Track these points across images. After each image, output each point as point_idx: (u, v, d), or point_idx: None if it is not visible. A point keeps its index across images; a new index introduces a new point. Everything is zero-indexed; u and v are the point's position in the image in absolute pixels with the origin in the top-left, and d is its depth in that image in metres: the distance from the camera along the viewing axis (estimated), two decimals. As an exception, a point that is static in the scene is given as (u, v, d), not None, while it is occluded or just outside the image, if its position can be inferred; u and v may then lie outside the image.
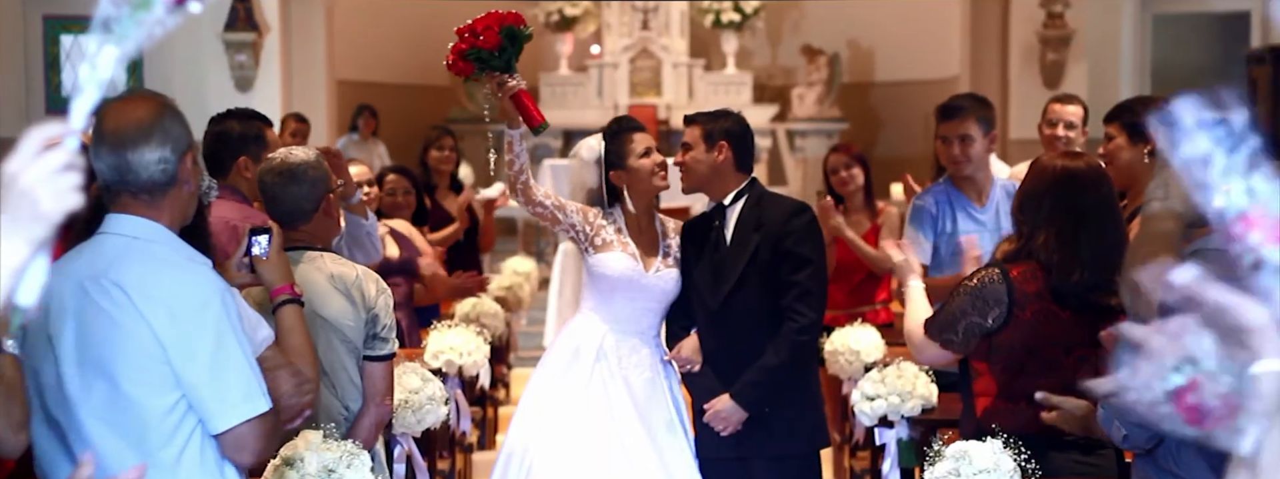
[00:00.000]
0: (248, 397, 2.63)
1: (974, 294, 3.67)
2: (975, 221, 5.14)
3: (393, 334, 3.78)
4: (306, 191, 3.76)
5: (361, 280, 3.72)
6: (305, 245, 3.79)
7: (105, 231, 2.69)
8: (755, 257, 4.36)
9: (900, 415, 4.65)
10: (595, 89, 15.24)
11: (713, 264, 4.43)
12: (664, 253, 4.54)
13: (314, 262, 3.74)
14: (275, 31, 12.31)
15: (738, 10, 15.28)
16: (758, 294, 4.37)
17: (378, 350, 3.75)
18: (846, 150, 6.89)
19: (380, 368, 3.77)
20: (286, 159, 3.82)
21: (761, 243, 4.36)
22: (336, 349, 3.70)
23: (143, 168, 2.63)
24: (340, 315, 3.69)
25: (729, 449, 4.40)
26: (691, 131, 4.50)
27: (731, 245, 4.41)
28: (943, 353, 3.79)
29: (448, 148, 8.05)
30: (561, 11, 15.32)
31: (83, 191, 1.61)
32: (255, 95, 11.79)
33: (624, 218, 4.52)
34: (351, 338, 3.70)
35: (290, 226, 3.77)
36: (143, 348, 2.58)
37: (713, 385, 4.42)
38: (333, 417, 3.70)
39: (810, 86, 15.15)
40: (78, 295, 2.61)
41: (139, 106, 2.66)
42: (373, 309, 3.72)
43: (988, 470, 3.40)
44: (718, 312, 4.41)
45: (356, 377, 3.75)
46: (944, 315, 3.74)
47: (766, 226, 4.38)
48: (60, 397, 2.63)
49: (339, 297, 3.69)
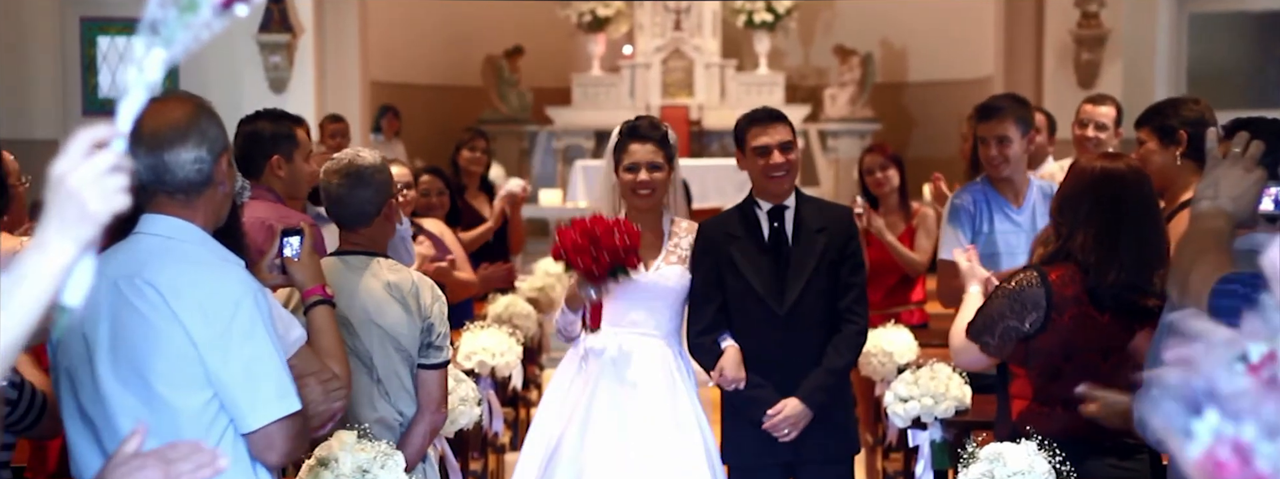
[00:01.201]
0: (280, 395, 2.64)
1: (1012, 297, 3.64)
2: (1012, 222, 5.11)
3: (447, 342, 3.76)
4: (371, 195, 3.73)
5: (418, 288, 3.70)
6: (363, 251, 3.77)
7: (140, 232, 2.71)
8: (822, 259, 4.35)
9: (934, 417, 4.63)
10: (628, 89, 15.24)
11: (773, 267, 4.37)
12: (666, 252, 4.48)
13: (372, 269, 3.72)
14: (309, 33, 12.37)
15: (770, 10, 15.26)
16: (822, 297, 4.36)
17: (432, 359, 3.74)
18: (882, 151, 6.87)
19: (435, 376, 3.75)
20: (354, 161, 3.76)
21: (828, 245, 4.36)
22: (392, 357, 3.69)
23: (179, 168, 2.65)
24: (396, 324, 3.67)
25: (778, 454, 4.37)
26: (786, 129, 4.47)
27: (797, 247, 4.38)
28: (980, 357, 3.77)
29: (479, 149, 8.08)
30: (594, 12, 15.34)
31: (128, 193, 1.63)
32: (289, 96, 11.85)
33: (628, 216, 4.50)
34: (406, 346, 3.69)
35: (351, 229, 3.77)
36: (176, 348, 2.60)
37: (769, 397, 4.34)
38: (388, 424, 3.70)
39: (843, 87, 15.12)
40: (112, 295, 2.63)
41: (176, 108, 2.68)
42: (428, 318, 3.70)
43: (1022, 473, 3.38)
44: (785, 317, 4.34)
45: (409, 384, 3.73)
46: (982, 318, 3.72)
47: (831, 228, 4.39)
48: (95, 395, 2.65)
49: (395, 305, 3.68)
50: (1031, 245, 4.84)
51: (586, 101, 15.20)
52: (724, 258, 4.41)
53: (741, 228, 4.44)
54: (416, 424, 3.71)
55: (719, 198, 11.47)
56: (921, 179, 9.25)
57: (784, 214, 4.42)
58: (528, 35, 15.42)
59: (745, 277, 4.38)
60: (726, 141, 14.98)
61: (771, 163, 4.40)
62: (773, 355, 4.37)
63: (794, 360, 4.35)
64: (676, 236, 4.53)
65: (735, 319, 4.43)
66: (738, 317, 4.42)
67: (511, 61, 15.24)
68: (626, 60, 15.38)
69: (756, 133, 4.42)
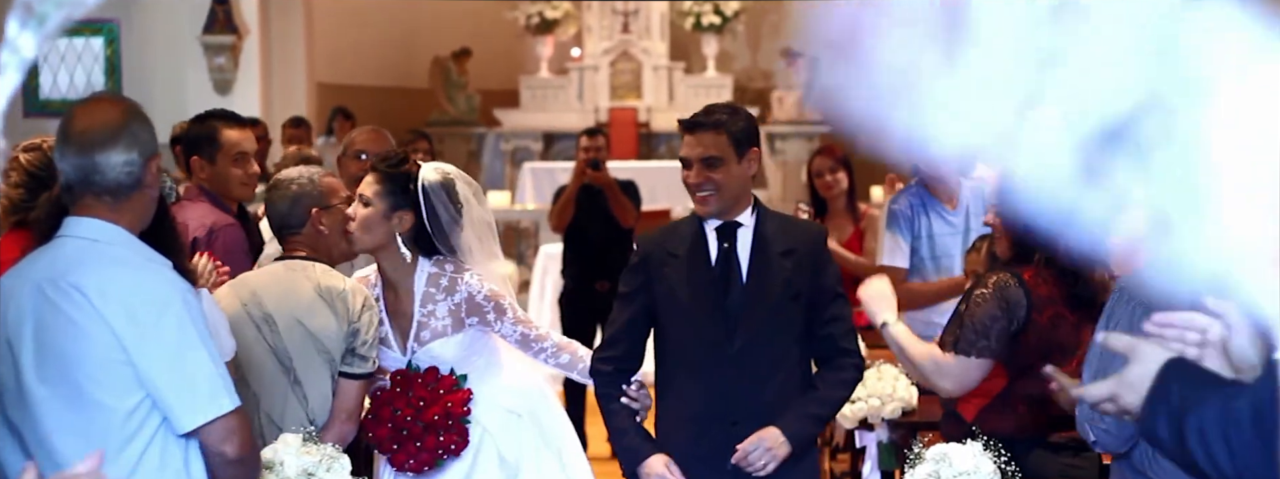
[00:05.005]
0: (213, 395, 2.63)
1: (998, 299, 3.63)
2: (947, 224, 5.16)
3: (374, 353, 3.71)
4: (289, 206, 3.78)
5: (348, 294, 3.68)
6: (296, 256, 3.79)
7: (64, 235, 2.68)
8: (787, 288, 3.58)
9: (880, 418, 4.65)
10: (576, 92, 15.23)
11: (719, 297, 3.59)
12: (418, 324, 3.85)
13: (304, 270, 3.73)
14: (254, 34, 12.28)
15: (718, 13, 15.30)
16: (786, 335, 3.60)
17: (355, 368, 3.68)
18: (831, 153, 6.88)
19: (354, 386, 3.69)
20: (278, 174, 3.91)
21: (795, 271, 3.59)
22: (313, 359, 3.67)
23: (109, 170, 2.63)
24: (323, 326, 3.66)
25: None
26: (714, 139, 3.58)
27: (754, 273, 3.60)
28: (974, 368, 3.67)
29: (422, 151, 8.06)
30: (542, 14, 15.32)
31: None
32: (234, 98, 11.75)
33: None
34: (330, 349, 3.67)
35: (283, 235, 3.83)
36: (104, 350, 2.58)
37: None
38: (295, 430, 3.68)
39: (790, 89, 15.18)
40: (37, 299, 2.60)
41: (107, 109, 2.66)
42: (356, 323, 3.66)
43: (968, 473, 3.40)
44: (736, 357, 3.57)
45: (329, 392, 3.68)
46: (969, 328, 3.66)
47: (799, 250, 3.61)
48: (19, 401, 2.61)
49: (324, 307, 3.66)
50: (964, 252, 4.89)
51: (535, 104, 15.17)
52: (659, 282, 3.62)
53: (684, 245, 3.64)
54: (323, 433, 3.59)
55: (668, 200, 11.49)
56: (868, 181, 9.29)
57: (736, 233, 3.62)
58: (475, 37, 15.37)
59: (683, 306, 3.60)
60: (674, 144, 15.02)
61: (689, 182, 3.61)
62: (719, 406, 3.58)
63: (748, 412, 3.56)
64: (432, 302, 3.77)
65: (670, 359, 3.66)
66: (674, 356, 3.65)
67: (459, 63, 15.18)
68: (574, 62, 15.37)
69: (684, 141, 3.65)
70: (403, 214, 3.77)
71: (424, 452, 3.75)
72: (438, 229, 3.80)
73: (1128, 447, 3.08)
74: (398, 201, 3.77)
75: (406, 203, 3.77)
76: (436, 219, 3.79)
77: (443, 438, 3.74)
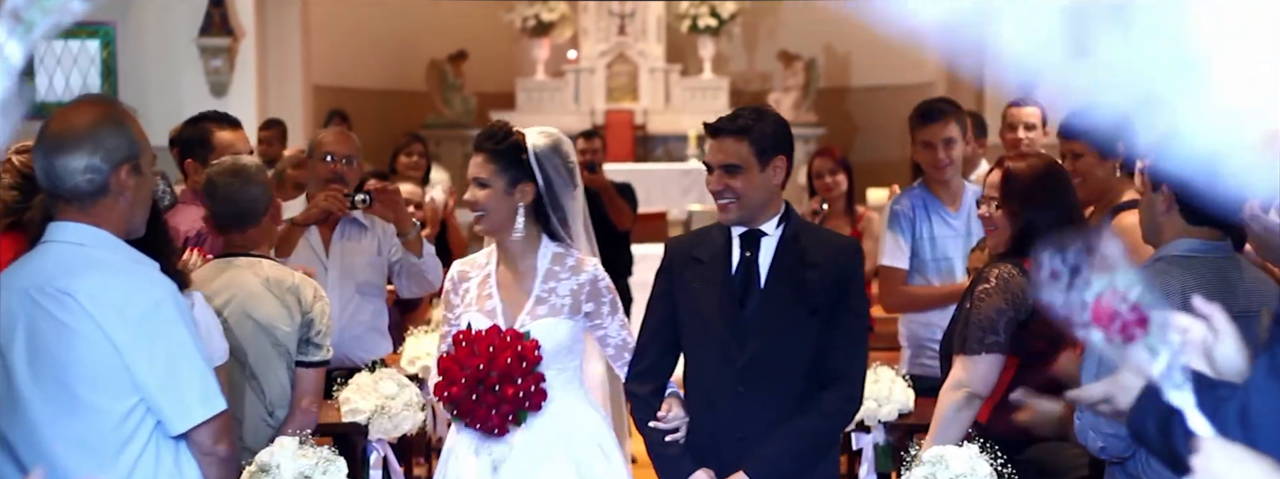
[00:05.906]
0: (203, 398, 2.63)
1: (1004, 291, 3.62)
2: (949, 226, 5.15)
3: (328, 341, 3.85)
4: (259, 193, 3.83)
5: (299, 287, 3.79)
6: (242, 253, 3.86)
7: (49, 240, 2.67)
8: (806, 303, 3.49)
9: (877, 420, 4.65)
10: (572, 94, 15.23)
11: (735, 305, 3.52)
12: (535, 301, 3.71)
13: (252, 266, 3.82)
14: (251, 36, 12.26)
15: (714, 15, 15.30)
16: (801, 350, 3.50)
17: (311, 356, 3.84)
18: (831, 154, 6.90)
19: (311, 374, 3.86)
20: (236, 161, 3.91)
21: (818, 286, 3.48)
22: (268, 353, 3.76)
23: (68, 175, 2.61)
24: (274, 319, 3.75)
25: None
26: (735, 146, 3.50)
27: (772, 284, 3.52)
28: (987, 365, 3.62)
29: (417, 154, 8.13)
30: (538, 16, 15.32)
31: None
32: (230, 100, 11.73)
33: None
34: (284, 342, 3.77)
35: (238, 229, 3.85)
36: (98, 353, 2.57)
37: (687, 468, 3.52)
38: (255, 423, 3.75)
39: (787, 91, 15.17)
40: (27, 305, 2.59)
41: (82, 114, 2.64)
42: (309, 313, 3.79)
43: (964, 475, 3.40)
44: (743, 369, 3.50)
45: (287, 383, 3.82)
46: (976, 326, 3.64)
47: (824, 266, 3.50)
48: (13, 408, 2.60)
49: (273, 300, 3.75)
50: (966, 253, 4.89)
51: (531, 106, 15.16)
52: (681, 287, 3.58)
53: (710, 251, 3.58)
54: (286, 423, 3.78)
55: (664, 202, 11.49)
56: (865, 184, 9.30)
57: (759, 242, 3.54)
58: (471, 40, 15.37)
59: (699, 312, 3.55)
60: (671, 146, 15.04)
61: (710, 188, 3.58)
62: (727, 414, 3.51)
63: (752, 424, 3.48)
64: (554, 279, 3.68)
65: (689, 365, 3.63)
66: (691, 358, 3.62)
67: (455, 66, 15.18)
68: (571, 65, 15.37)
69: (707, 145, 3.60)
70: (524, 186, 3.64)
71: (505, 403, 3.53)
72: (553, 197, 3.67)
73: (1129, 454, 3.06)
74: (516, 174, 3.63)
75: (524, 174, 3.63)
76: (551, 185, 3.66)
77: (521, 383, 3.53)
